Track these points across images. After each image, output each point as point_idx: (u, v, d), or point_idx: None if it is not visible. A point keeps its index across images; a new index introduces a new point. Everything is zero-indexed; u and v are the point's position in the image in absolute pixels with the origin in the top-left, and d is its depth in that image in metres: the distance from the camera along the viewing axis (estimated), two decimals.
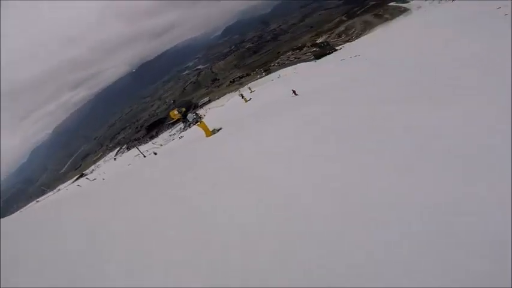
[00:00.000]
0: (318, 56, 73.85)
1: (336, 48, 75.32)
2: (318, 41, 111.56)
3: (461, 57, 8.77)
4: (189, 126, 53.68)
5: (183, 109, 13.82)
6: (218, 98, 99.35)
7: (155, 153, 34.13)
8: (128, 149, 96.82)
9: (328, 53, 70.79)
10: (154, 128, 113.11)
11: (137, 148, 60.01)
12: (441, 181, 2.45)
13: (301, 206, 2.84)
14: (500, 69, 5.34)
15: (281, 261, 2.21)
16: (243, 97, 31.40)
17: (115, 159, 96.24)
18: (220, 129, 14.90)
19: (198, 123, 13.73)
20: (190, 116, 18.70)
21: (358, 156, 3.50)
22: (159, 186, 6.10)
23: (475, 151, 2.73)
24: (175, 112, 13.34)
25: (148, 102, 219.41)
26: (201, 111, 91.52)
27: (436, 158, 2.85)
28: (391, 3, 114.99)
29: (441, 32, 18.12)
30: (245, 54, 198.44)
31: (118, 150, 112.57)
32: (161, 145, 68.60)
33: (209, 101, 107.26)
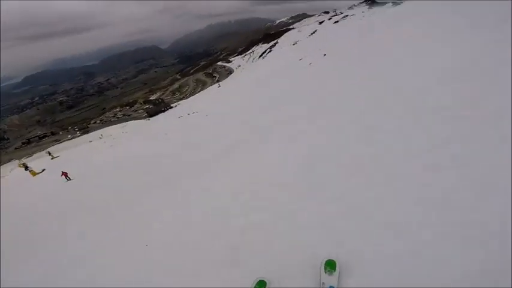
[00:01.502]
0: (151, 114, 71.28)
1: (171, 105, 75.86)
2: (151, 98, 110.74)
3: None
4: None
5: None
6: None
7: None
8: None
9: (163, 110, 69.95)
10: None
11: None
12: None
13: None
14: None
15: None
16: (27, 169, 20.48)
17: None
18: None
19: None
20: None
21: None
22: None
23: None
24: None
25: None
26: None
27: None
28: (218, 63, 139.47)
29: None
30: (55, 108, 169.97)
31: None
32: None
33: None
